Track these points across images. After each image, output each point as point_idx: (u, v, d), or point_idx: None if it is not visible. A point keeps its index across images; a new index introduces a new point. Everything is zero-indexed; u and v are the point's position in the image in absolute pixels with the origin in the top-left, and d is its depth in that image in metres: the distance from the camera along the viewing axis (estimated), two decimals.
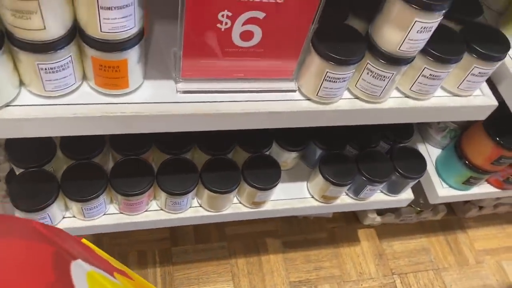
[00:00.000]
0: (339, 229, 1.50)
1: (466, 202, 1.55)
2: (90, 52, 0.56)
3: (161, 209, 0.90)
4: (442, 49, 0.67)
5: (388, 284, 1.41)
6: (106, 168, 0.83)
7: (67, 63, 0.56)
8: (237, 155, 0.94)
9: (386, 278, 1.42)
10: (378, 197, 1.04)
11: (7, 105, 0.57)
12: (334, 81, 0.65)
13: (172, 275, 1.30)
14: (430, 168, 1.09)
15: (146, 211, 0.89)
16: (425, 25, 0.59)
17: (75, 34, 0.55)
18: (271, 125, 0.69)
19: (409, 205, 1.47)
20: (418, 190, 1.15)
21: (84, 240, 0.64)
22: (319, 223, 1.49)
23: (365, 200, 1.02)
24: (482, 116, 0.80)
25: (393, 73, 0.66)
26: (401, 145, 1.02)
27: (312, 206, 0.99)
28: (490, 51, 0.70)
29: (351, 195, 1.02)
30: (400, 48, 0.62)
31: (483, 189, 1.10)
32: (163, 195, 0.85)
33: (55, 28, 0.51)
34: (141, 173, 0.83)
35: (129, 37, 0.55)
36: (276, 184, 0.89)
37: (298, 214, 1.01)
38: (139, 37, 0.57)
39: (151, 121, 0.63)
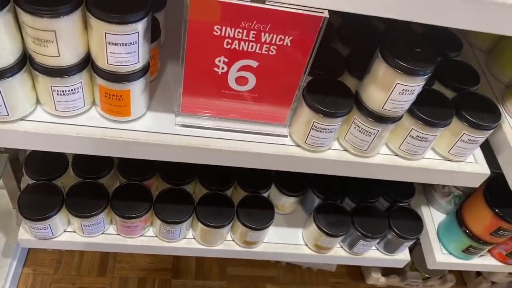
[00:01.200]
0: (342, 285, 1.47)
1: (478, 275, 1.49)
2: (98, 80, 0.63)
3: (156, 236, 0.94)
4: (429, 112, 0.70)
5: None
6: (110, 190, 0.89)
7: (77, 88, 0.63)
8: (236, 193, 0.97)
9: None
10: (373, 254, 1.04)
11: (22, 119, 0.65)
12: (321, 131, 0.69)
13: None
14: (432, 232, 1.08)
15: (141, 235, 0.94)
16: (406, 88, 0.63)
17: (88, 63, 0.62)
18: (261, 166, 0.73)
19: (416, 270, 1.43)
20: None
21: None
22: (322, 276, 1.48)
23: (360, 255, 1.02)
24: (475, 184, 0.80)
25: (378, 130, 0.69)
26: (401, 204, 1.02)
27: (304, 254, 1.00)
28: (480, 120, 0.72)
29: (345, 248, 1.02)
30: (384, 107, 0.66)
31: (485, 261, 1.07)
32: (158, 222, 0.89)
33: (69, 56, 0.59)
34: (140, 198, 0.88)
35: (133, 70, 0.62)
36: (268, 226, 0.92)
37: (290, 260, 1.02)
38: (142, 72, 0.63)
39: (146, 148, 0.68)
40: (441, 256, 1.05)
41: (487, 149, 0.84)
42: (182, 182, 0.92)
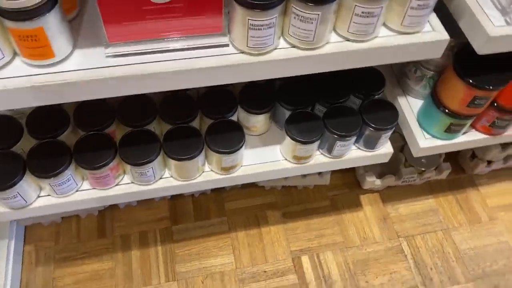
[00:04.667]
0: (341, 196, 1.47)
1: (473, 157, 1.48)
2: (6, 23, 0.58)
3: (132, 182, 0.93)
4: None
5: (394, 247, 1.38)
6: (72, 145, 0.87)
7: None
8: (203, 123, 0.94)
9: (391, 242, 1.39)
10: (355, 153, 1.02)
11: None
12: (259, 29, 0.65)
13: (174, 252, 1.33)
14: (412, 120, 1.05)
15: (117, 185, 0.92)
16: None
17: None
18: (207, 82, 0.70)
19: (410, 165, 1.42)
20: None
21: None
22: (320, 192, 1.48)
23: (341, 157, 1.01)
24: (436, 54, 0.76)
25: (319, 14, 0.64)
26: (373, 98, 0.99)
27: (285, 168, 0.99)
28: None
29: (325, 153, 1.00)
30: None
31: (470, 137, 1.05)
32: (128, 168, 0.87)
33: None
34: (103, 147, 0.85)
35: (38, 3, 0.57)
36: (240, 147, 0.89)
37: (273, 177, 1.01)
38: (50, 4, 0.58)
39: (81, 88, 0.65)
40: (424, 141, 1.03)
41: (448, 19, 0.80)
42: (143, 123, 0.89)
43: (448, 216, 1.45)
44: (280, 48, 0.71)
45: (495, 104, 0.96)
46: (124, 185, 0.93)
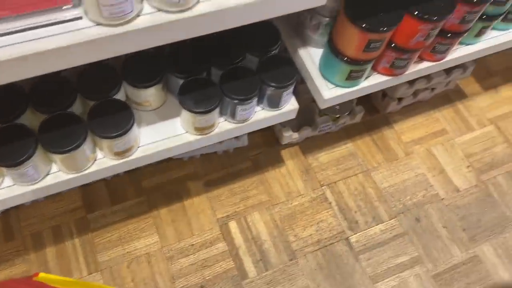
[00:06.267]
0: (262, 154, 1.44)
1: (384, 97, 1.50)
2: None
3: (14, 185, 0.82)
4: None
5: (319, 197, 1.38)
6: None
7: None
8: (84, 106, 0.84)
9: (315, 192, 1.39)
10: (260, 115, 0.97)
11: None
12: None
13: (93, 242, 1.25)
14: (314, 71, 1.01)
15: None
16: None
17: None
18: (60, 66, 0.60)
19: (324, 113, 1.41)
20: None
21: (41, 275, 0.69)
22: (241, 154, 1.43)
23: (247, 121, 0.95)
24: (318, 1, 0.71)
25: None
26: (269, 54, 0.93)
27: (189, 141, 0.92)
28: None
29: (229, 119, 0.94)
30: None
31: (373, 81, 1.04)
32: (3, 170, 0.76)
33: None
34: None
35: None
36: (129, 128, 0.81)
37: (176, 153, 0.94)
38: None
39: None
40: (328, 92, 1.00)
41: None
42: (11, 117, 0.78)
43: (366, 157, 1.47)
44: (145, 14, 0.62)
45: (392, 45, 0.94)
46: (5, 189, 0.82)
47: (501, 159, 1.51)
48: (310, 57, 1.03)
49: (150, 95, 0.89)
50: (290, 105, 0.99)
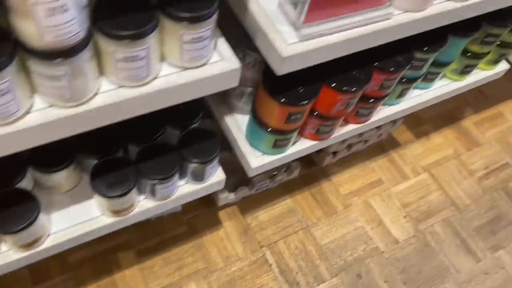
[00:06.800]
0: (199, 217, 1.39)
1: (319, 151, 1.50)
2: None
3: None
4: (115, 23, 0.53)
5: (258, 260, 1.34)
6: None
7: None
8: None
9: (254, 254, 1.34)
10: (184, 189, 0.93)
11: None
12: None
13: None
14: (241, 139, 0.99)
15: None
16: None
17: None
18: None
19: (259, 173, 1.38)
20: None
21: None
22: (175, 218, 1.37)
23: (169, 198, 0.90)
24: (231, 83, 0.69)
25: (67, 69, 0.52)
26: (191, 127, 0.90)
27: (106, 225, 0.86)
28: (193, 11, 0.57)
29: (149, 197, 0.89)
30: (44, 39, 0.48)
31: (301, 146, 1.02)
32: None
33: None
34: None
35: None
36: (34, 220, 0.74)
37: (93, 237, 0.87)
38: None
39: None
40: (255, 160, 0.97)
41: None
42: None
43: (306, 213, 1.45)
44: (36, 111, 0.57)
45: (315, 113, 0.93)
46: None
47: (437, 207, 1.53)
48: (237, 124, 1.01)
49: (61, 178, 0.83)
50: (216, 177, 0.95)
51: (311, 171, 1.55)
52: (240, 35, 0.78)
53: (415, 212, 1.51)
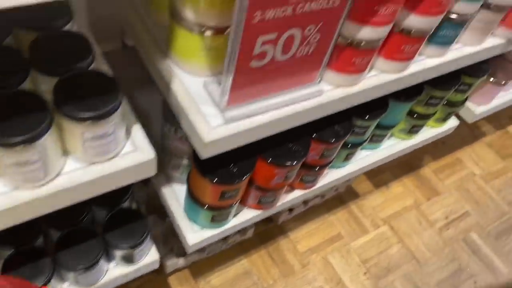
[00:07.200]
0: (147, 284, 1.30)
1: None
2: None
3: None
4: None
5: None
6: None
7: None
8: None
9: None
10: (115, 272, 0.86)
11: None
12: None
13: None
14: (178, 212, 0.93)
15: None
16: None
17: None
18: None
19: None
20: None
21: None
22: (122, 286, 1.28)
23: (96, 283, 0.83)
24: (147, 173, 0.64)
25: None
26: (119, 207, 0.84)
27: None
28: (93, 110, 0.53)
29: (73, 285, 0.81)
30: None
31: (244, 217, 0.97)
32: None
33: None
34: None
35: None
36: None
37: None
38: None
39: None
40: (193, 235, 0.92)
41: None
42: None
43: (262, 274, 1.38)
44: None
45: (254, 185, 0.89)
46: None
47: (397, 262, 1.49)
48: (175, 196, 0.95)
49: None
50: (149, 257, 0.88)
51: (267, 227, 1.49)
52: None
53: (375, 267, 1.47)
